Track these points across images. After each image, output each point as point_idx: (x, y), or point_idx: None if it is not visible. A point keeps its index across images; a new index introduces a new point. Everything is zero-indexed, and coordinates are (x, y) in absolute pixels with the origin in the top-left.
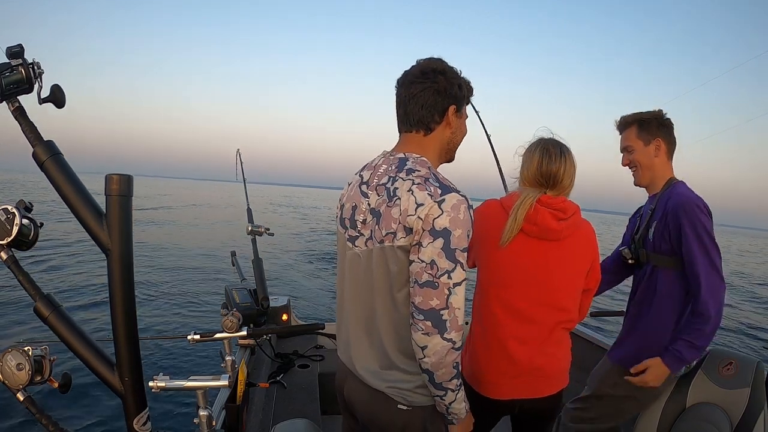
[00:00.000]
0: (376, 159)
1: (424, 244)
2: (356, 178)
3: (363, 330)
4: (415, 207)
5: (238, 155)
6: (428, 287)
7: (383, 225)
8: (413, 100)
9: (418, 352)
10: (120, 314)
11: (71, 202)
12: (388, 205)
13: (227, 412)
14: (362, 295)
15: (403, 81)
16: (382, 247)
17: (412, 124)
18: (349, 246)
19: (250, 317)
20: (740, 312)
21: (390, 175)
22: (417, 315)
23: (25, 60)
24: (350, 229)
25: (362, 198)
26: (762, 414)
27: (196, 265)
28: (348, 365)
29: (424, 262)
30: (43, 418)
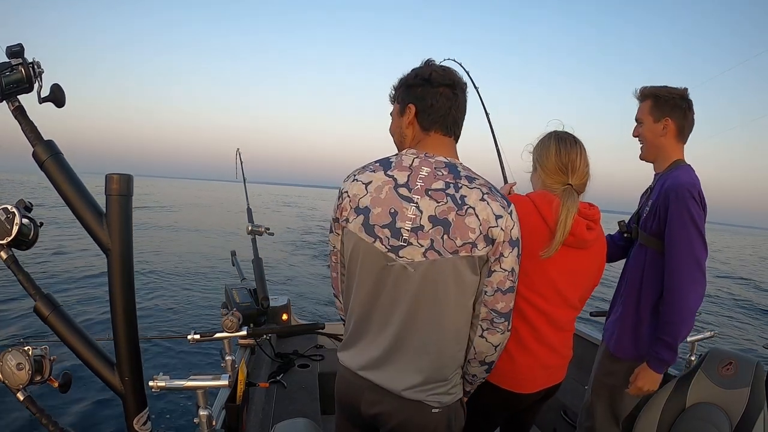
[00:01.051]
0: (407, 159)
1: (505, 254)
2: (383, 178)
3: (414, 346)
4: (495, 218)
5: (238, 155)
6: (510, 293)
7: (456, 234)
8: (461, 108)
9: (490, 351)
10: (120, 314)
11: (71, 202)
12: (458, 213)
13: (227, 412)
14: (420, 311)
15: (453, 83)
16: (455, 257)
17: (451, 128)
18: (392, 257)
19: (250, 317)
20: (741, 312)
21: (445, 180)
22: (498, 319)
23: (25, 59)
24: (392, 239)
25: (405, 203)
26: (762, 414)
27: (196, 264)
28: (374, 380)
29: (506, 270)
30: (43, 417)
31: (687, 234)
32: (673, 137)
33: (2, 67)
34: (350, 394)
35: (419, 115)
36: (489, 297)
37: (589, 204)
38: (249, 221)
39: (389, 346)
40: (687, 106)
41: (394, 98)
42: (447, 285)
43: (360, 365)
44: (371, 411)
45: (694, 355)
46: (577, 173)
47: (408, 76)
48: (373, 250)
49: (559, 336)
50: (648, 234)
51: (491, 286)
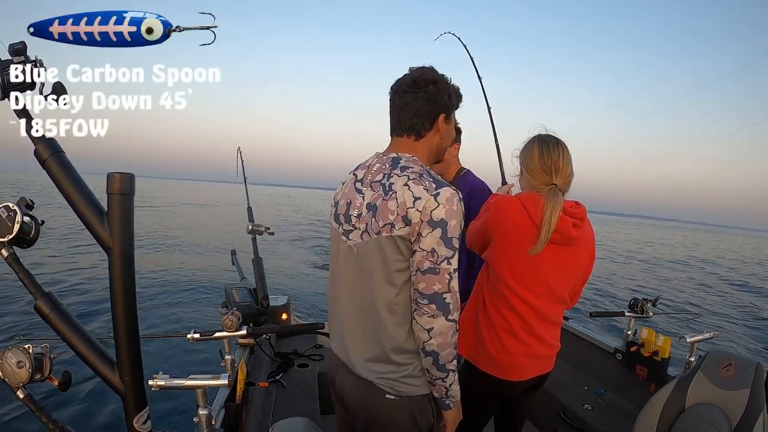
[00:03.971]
0: (370, 159)
1: (423, 234)
2: (350, 177)
3: (356, 320)
4: (413, 200)
5: (239, 154)
6: (430, 273)
7: (380, 217)
8: (405, 108)
9: (424, 335)
10: (121, 312)
11: (72, 200)
12: (384, 198)
13: (227, 411)
14: (357, 286)
15: (397, 89)
16: (378, 237)
17: (404, 129)
18: (343, 240)
19: (249, 316)
20: (741, 313)
21: (384, 172)
22: (421, 300)
23: (28, 57)
24: (344, 224)
25: (357, 195)
26: (761, 415)
27: (196, 264)
28: (341, 356)
29: (425, 250)
30: (42, 416)
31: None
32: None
33: (4, 65)
34: (331, 372)
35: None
36: (413, 277)
37: (576, 202)
38: (249, 220)
39: (341, 322)
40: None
41: None
42: (374, 262)
43: (332, 340)
44: (339, 387)
45: (694, 355)
46: (561, 173)
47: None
48: (336, 234)
49: (548, 328)
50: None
51: (413, 266)
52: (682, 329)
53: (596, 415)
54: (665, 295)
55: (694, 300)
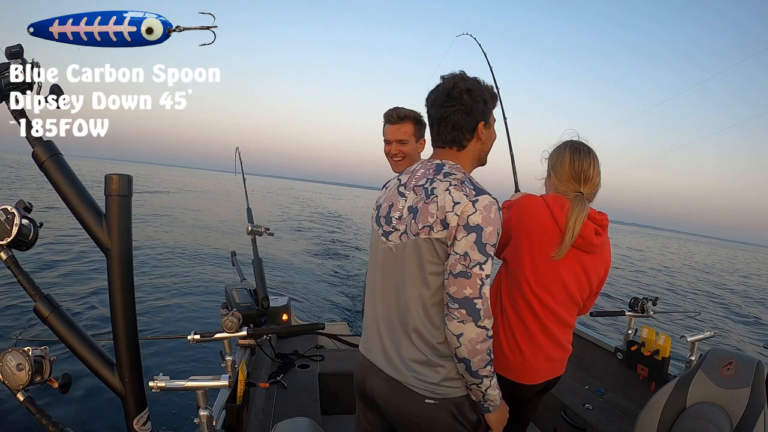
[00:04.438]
0: (416, 165)
1: (458, 237)
2: (394, 181)
3: (393, 323)
4: (452, 204)
5: (238, 154)
6: (462, 277)
7: (420, 219)
8: (444, 122)
9: (454, 341)
10: (120, 314)
11: (71, 202)
12: (425, 201)
13: (227, 412)
14: (395, 288)
15: (433, 102)
16: (416, 239)
17: (445, 142)
18: (383, 241)
19: (250, 317)
20: (741, 312)
21: (428, 177)
22: (452, 304)
23: (25, 60)
24: (385, 226)
25: (399, 198)
26: (762, 414)
27: (196, 264)
28: (373, 359)
29: (458, 254)
30: (43, 418)
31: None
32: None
33: (2, 68)
34: (360, 374)
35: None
36: (445, 281)
37: (599, 211)
38: (249, 221)
39: (381, 323)
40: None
41: None
42: (411, 263)
43: (363, 343)
44: (372, 391)
45: (695, 354)
46: (590, 183)
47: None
48: (376, 236)
49: (565, 331)
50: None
51: (446, 269)
52: (682, 328)
53: (597, 415)
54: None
55: (694, 300)
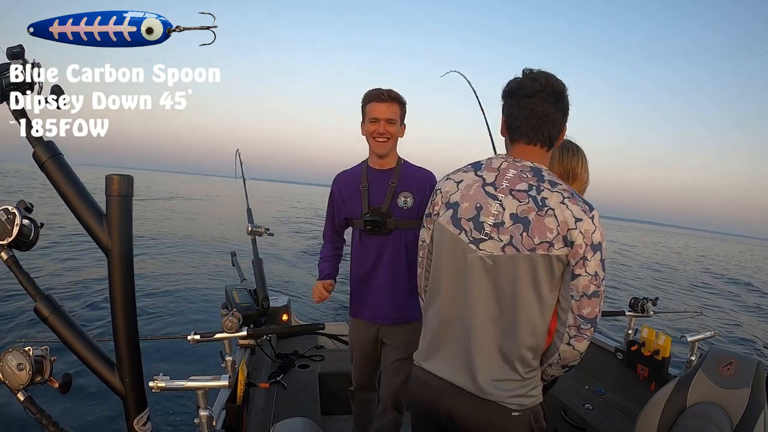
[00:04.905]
0: (496, 161)
1: (588, 258)
2: (472, 178)
3: (489, 338)
4: (574, 221)
5: (238, 155)
6: (595, 297)
7: (534, 233)
8: (545, 118)
9: (573, 356)
10: (120, 314)
11: (71, 202)
12: (538, 213)
13: (227, 413)
14: (495, 302)
15: (532, 93)
16: (531, 254)
17: (539, 139)
18: (472, 249)
19: (250, 317)
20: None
21: (529, 182)
22: (584, 325)
23: (26, 60)
24: (474, 231)
25: (490, 200)
26: (762, 414)
27: (196, 265)
28: (453, 379)
29: (590, 275)
30: (43, 418)
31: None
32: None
33: (2, 68)
34: (429, 399)
35: (506, 126)
36: (575, 302)
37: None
38: (249, 222)
39: (473, 339)
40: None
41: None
42: (522, 280)
43: (435, 361)
44: (450, 413)
45: (695, 354)
46: (578, 179)
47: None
48: (456, 241)
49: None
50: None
51: (576, 290)
52: (682, 328)
53: (597, 415)
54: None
55: (693, 300)
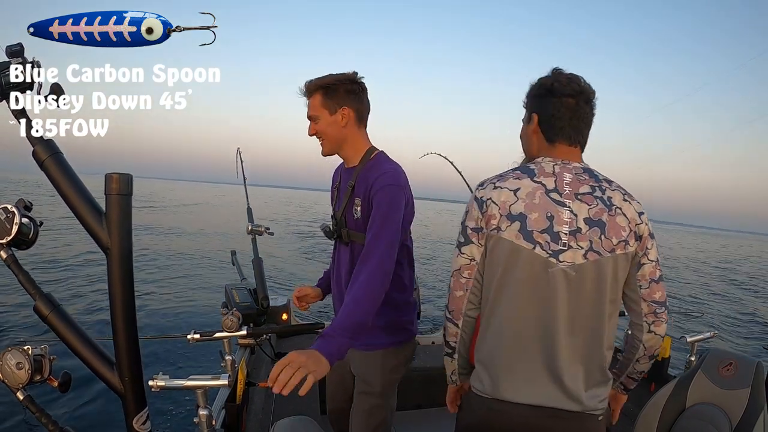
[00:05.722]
0: (547, 166)
1: (649, 246)
2: (531, 185)
3: (577, 350)
4: (638, 215)
5: (239, 154)
6: (661, 281)
7: (611, 234)
8: (585, 119)
9: (658, 343)
10: (120, 313)
11: (71, 201)
12: (609, 214)
13: (227, 412)
14: (580, 311)
15: (581, 93)
16: (614, 256)
17: (578, 141)
18: (553, 262)
19: (249, 317)
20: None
21: (589, 183)
22: (659, 309)
23: (25, 59)
24: (552, 243)
25: (559, 207)
26: (762, 414)
27: (196, 264)
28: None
29: (653, 261)
30: (42, 417)
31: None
32: (354, 124)
33: (2, 66)
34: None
35: (542, 125)
36: (645, 290)
37: None
38: (249, 221)
39: (564, 356)
40: (360, 89)
41: (525, 105)
42: (607, 284)
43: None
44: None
45: (694, 355)
46: None
47: (533, 86)
48: (533, 256)
49: None
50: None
51: (644, 279)
52: (682, 329)
53: None
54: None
55: (694, 300)
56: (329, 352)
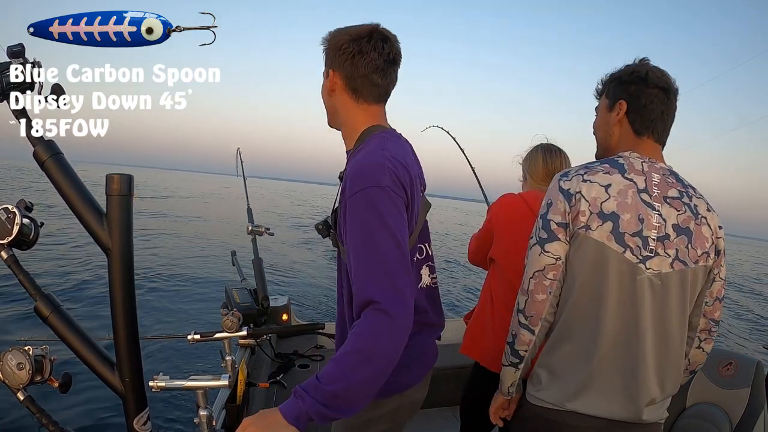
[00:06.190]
0: (636, 162)
1: (722, 263)
2: (623, 182)
3: (656, 363)
4: (718, 227)
5: (239, 154)
6: (722, 300)
7: (697, 244)
8: (673, 115)
9: (703, 360)
10: (120, 314)
11: (72, 202)
12: (697, 222)
13: (227, 412)
14: (663, 324)
15: (671, 89)
16: (696, 267)
17: (662, 135)
18: (642, 269)
19: (250, 317)
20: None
21: (677, 188)
22: (714, 327)
23: (26, 59)
24: (642, 248)
25: (650, 210)
26: (762, 414)
27: (196, 264)
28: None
29: (722, 279)
30: (43, 417)
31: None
32: (344, 92)
33: (3, 67)
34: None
35: (630, 114)
36: (708, 307)
37: None
38: (249, 221)
39: (632, 371)
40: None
41: (601, 92)
42: (688, 295)
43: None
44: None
45: None
46: None
47: (622, 72)
48: (622, 260)
49: None
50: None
51: (711, 296)
52: None
53: None
54: None
55: None
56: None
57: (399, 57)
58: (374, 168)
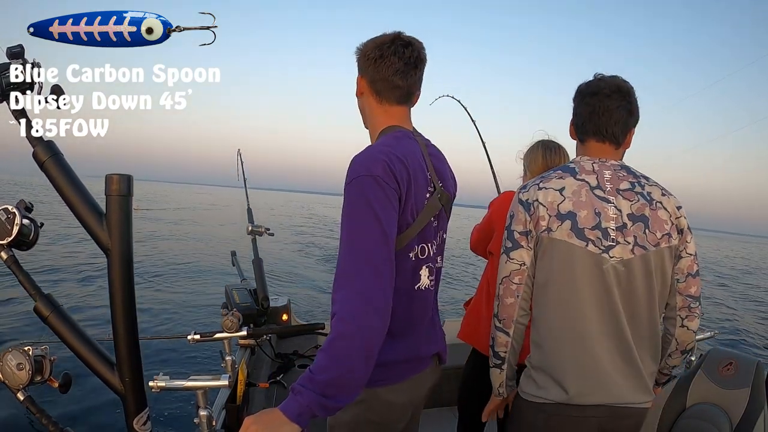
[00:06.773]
0: (586, 164)
1: (688, 240)
2: (575, 183)
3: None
4: (677, 209)
5: (239, 156)
6: (697, 276)
7: (655, 228)
8: (612, 115)
9: (691, 338)
10: (120, 314)
11: (71, 202)
12: (651, 208)
13: (227, 413)
14: (639, 309)
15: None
16: (659, 250)
17: (607, 137)
18: (606, 258)
19: (250, 317)
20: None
21: (628, 180)
22: (693, 304)
23: (26, 60)
24: (603, 240)
25: (605, 204)
26: (762, 414)
27: (196, 264)
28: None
29: (691, 255)
30: (43, 417)
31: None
32: (371, 96)
33: (2, 68)
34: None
35: (575, 126)
36: (681, 284)
37: None
38: (249, 221)
39: (627, 353)
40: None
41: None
42: (654, 277)
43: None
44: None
45: (694, 355)
46: None
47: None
48: (586, 253)
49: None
50: None
51: (681, 272)
52: None
53: None
54: None
55: None
56: (297, 414)
57: (421, 60)
58: (368, 159)
